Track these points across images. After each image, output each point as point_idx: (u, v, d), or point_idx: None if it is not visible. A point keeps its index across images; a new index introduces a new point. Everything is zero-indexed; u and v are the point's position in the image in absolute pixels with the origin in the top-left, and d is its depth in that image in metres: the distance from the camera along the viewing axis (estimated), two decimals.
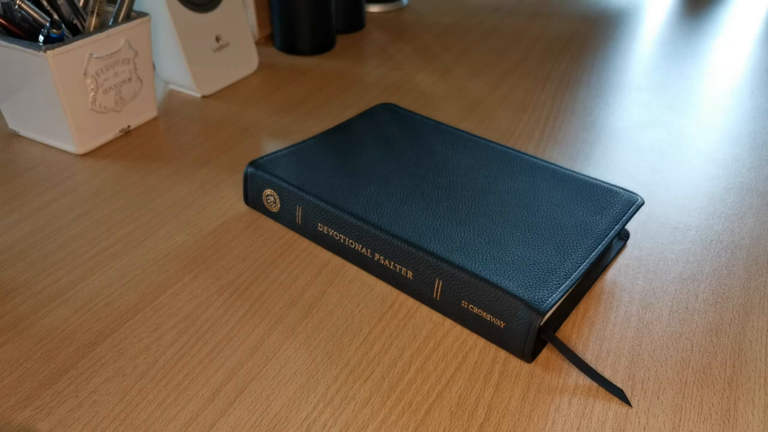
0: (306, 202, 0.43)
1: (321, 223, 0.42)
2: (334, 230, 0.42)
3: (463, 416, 0.33)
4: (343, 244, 0.42)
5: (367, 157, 0.47)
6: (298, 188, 0.43)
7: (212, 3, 0.62)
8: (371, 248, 0.40)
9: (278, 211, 0.45)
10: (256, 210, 0.47)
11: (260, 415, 0.33)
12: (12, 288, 0.40)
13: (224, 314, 0.39)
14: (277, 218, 0.46)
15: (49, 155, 0.54)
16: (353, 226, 0.41)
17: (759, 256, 0.44)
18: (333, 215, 0.42)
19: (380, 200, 0.42)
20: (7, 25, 0.50)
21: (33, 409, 0.33)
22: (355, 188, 0.43)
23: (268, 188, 0.45)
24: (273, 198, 0.45)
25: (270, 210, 0.46)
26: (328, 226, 0.42)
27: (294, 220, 0.44)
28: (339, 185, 0.44)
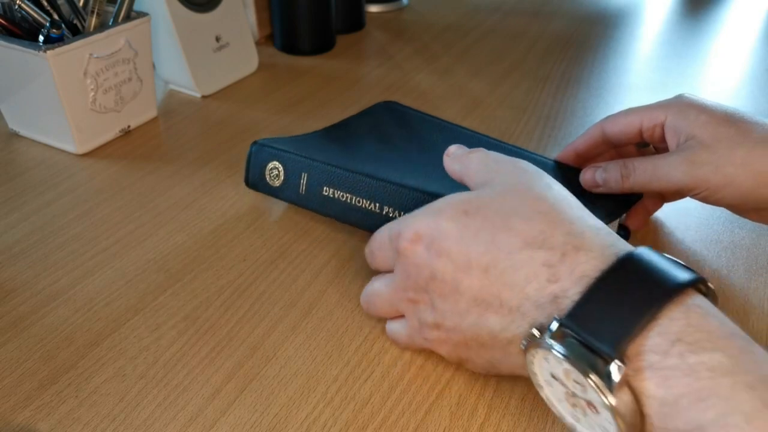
0: (312, 167, 0.43)
1: (327, 186, 0.42)
2: (341, 191, 0.42)
3: (463, 416, 0.33)
4: (349, 204, 0.42)
5: (368, 147, 0.48)
6: (305, 156, 0.43)
7: (212, 3, 0.62)
8: (380, 202, 0.41)
9: (281, 184, 0.45)
10: (255, 190, 0.46)
11: (260, 415, 0.33)
12: (12, 288, 0.40)
13: (224, 314, 0.39)
14: (278, 193, 0.45)
15: (49, 155, 0.54)
16: (362, 182, 0.41)
17: (759, 256, 0.44)
18: (341, 176, 0.42)
19: (389, 164, 0.44)
20: (7, 25, 0.50)
21: (33, 409, 0.33)
22: (364, 157, 0.45)
23: (273, 161, 0.45)
24: (277, 171, 0.44)
25: (272, 185, 0.45)
26: (335, 188, 0.42)
27: (298, 190, 0.44)
28: (345, 155, 0.45)
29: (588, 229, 0.28)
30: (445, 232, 0.30)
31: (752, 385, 0.22)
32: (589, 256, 0.27)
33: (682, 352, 0.23)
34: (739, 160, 0.36)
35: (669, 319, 0.24)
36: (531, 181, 0.31)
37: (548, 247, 0.28)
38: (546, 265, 0.27)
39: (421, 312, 0.32)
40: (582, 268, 0.27)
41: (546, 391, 0.29)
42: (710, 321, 0.24)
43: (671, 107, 0.39)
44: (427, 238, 0.31)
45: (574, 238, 0.28)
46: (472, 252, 0.29)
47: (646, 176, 0.39)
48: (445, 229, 0.30)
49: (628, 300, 0.24)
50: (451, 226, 0.30)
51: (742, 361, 0.22)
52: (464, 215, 0.30)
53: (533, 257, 0.28)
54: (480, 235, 0.29)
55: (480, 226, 0.29)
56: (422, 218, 0.31)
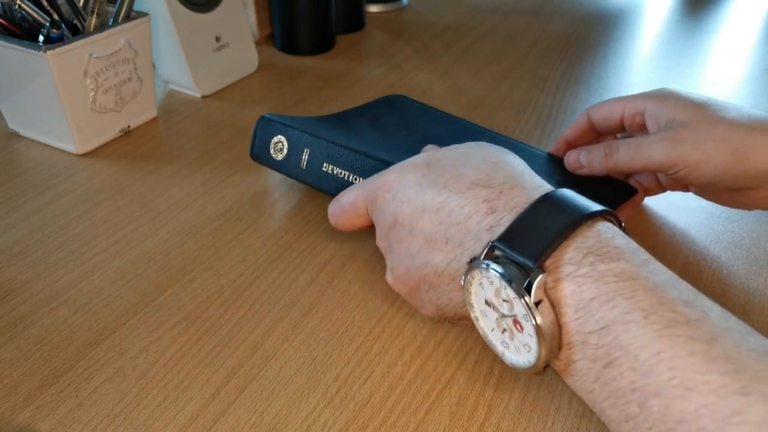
0: (314, 144, 0.44)
1: (327, 162, 0.43)
2: (340, 168, 0.43)
3: (463, 416, 0.33)
4: (347, 181, 0.43)
5: (368, 134, 0.49)
6: (309, 133, 0.44)
7: (212, 3, 0.62)
8: None
9: (284, 158, 0.46)
10: (259, 162, 0.47)
11: (260, 415, 0.33)
12: (12, 288, 0.40)
13: (224, 314, 0.39)
14: (280, 167, 0.46)
15: (49, 155, 0.54)
16: (360, 160, 0.42)
17: (759, 256, 0.44)
18: (341, 153, 0.43)
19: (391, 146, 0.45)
20: (6, 25, 0.50)
21: (33, 409, 0.33)
22: (366, 138, 0.46)
23: (278, 135, 0.46)
24: (281, 144, 0.45)
25: (275, 159, 0.46)
26: (334, 165, 0.43)
27: (299, 164, 0.45)
28: (348, 135, 0.46)
29: (525, 173, 0.32)
30: (408, 181, 0.34)
31: (650, 287, 0.25)
32: (523, 192, 0.31)
33: (593, 261, 0.26)
34: (718, 137, 0.38)
35: (583, 236, 0.28)
36: (485, 146, 0.35)
37: (489, 186, 0.31)
38: (486, 200, 0.31)
39: (387, 258, 0.36)
40: (515, 201, 0.30)
41: (481, 322, 0.32)
42: (618, 240, 0.28)
43: (651, 97, 0.42)
44: (394, 188, 0.35)
45: (512, 179, 0.31)
46: (427, 197, 0.33)
47: (629, 154, 0.40)
48: (408, 179, 0.34)
49: (549, 222, 0.28)
50: (413, 176, 0.34)
51: (643, 269, 0.26)
52: (426, 167, 0.34)
53: (477, 195, 0.31)
54: (436, 182, 0.33)
55: (437, 174, 0.33)
56: (392, 172, 0.35)
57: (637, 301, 0.25)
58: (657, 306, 0.24)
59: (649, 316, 0.24)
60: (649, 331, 0.24)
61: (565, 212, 0.28)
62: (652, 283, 0.25)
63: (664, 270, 0.27)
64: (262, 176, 0.52)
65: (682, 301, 0.24)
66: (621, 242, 0.28)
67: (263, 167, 0.53)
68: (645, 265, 0.27)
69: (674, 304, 0.24)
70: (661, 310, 0.24)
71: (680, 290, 0.25)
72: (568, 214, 0.28)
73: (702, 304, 0.25)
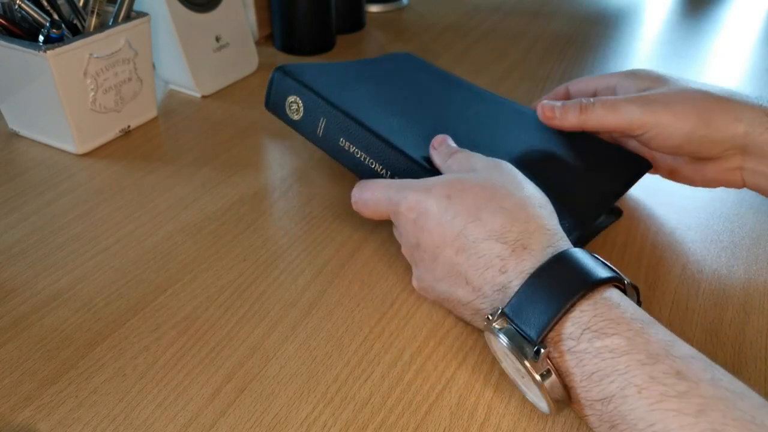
0: (331, 115, 0.42)
1: (344, 138, 0.42)
2: (357, 147, 0.41)
3: (463, 416, 0.33)
4: (362, 162, 0.42)
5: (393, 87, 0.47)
6: (326, 100, 0.42)
7: (212, 3, 0.62)
8: (392, 171, 0.41)
9: (300, 119, 0.44)
10: (275, 115, 0.46)
11: (260, 415, 0.33)
12: (12, 288, 0.40)
13: (224, 314, 0.39)
14: (297, 126, 0.45)
15: (49, 155, 0.54)
16: (378, 145, 0.40)
17: (759, 255, 0.44)
18: (358, 133, 0.41)
19: (406, 128, 0.43)
20: (6, 25, 0.50)
21: (33, 408, 0.33)
22: (383, 111, 0.43)
23: (293, 95, 0.44)
24: (297, 105, 0.43)
25: (291, 117, 0.44)
26: (351, 143, 0.41)
27: (315, 131, 0.43)
28: (366, 106, 0.43)
29: (539, 229, 0.33)
30: (429, 211, 0.35)
31: (643, 362, 0.26)
32: (531, 255, 0.32)
33: (591, 338, 0.28)
34: (687, 99, 0.40)
35: (580, 311, 0.29)
36: (504, 179, 0.35)
37: (503, 242, 0.32)
38: (499, 257, 0.32)
39: (413, 267, 0.39)
40: (524, 264, 0.32)
41: (504, 364, 0.34)
42: (613, 311, 0.28)
43: (624, 73, 0.45)
44: (415, 212, 0.36)
45: (524, 237, 0.32)
46: (447, 234, 0.34)
47: (604, 110, 0.42)
48: (429, 208, 0.35)
49: (552, 295, 0.29)
50: (434, 207, 0.35)
51: (636, 342, 0.27)
52: (446, 199, 0.35)
53: (492, 248, 0.33)
54: (455, 222, 0.34)
55: (456, 212, 0.34)
56: (414, 192, 0.36)
57: (631, 376, 0.26)
58: (649, 380, 0.26)
59: (642, 390, 0.26)
60: (643, 404, 0.25)
61: (565, 284, 0.29)
62: (646, 356, 0.26)
63: (660, 335, 0.28)
64: (262, 176, 0.52)
65: (674, 372, 0.26)
66: (617, 313, 0.29)
67: (263, 167, 0.53)
68: (640, 334, 0.27)
69: (666, 377, 0.26)
70: (653, 384, 0.26)
71: (673, 359, 0.26)
72: (567, 287, 0.29)
73: (693, 374, 0.26)
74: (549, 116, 0.44)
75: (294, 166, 0.53)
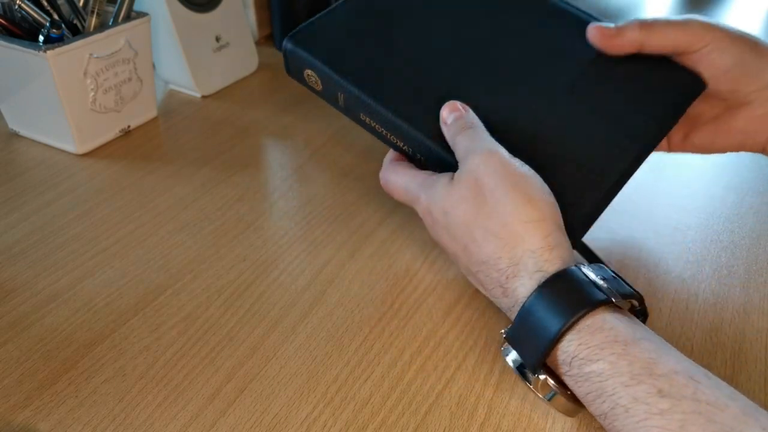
0: (347, 91, 0.40)
1: (364, 114, 0.40)
2: (378, 123, 0.40)
3: (463, 416, 0.33)
4: (385, 137, 0.40)
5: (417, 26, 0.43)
6: (340, 75, 0.40)
7: (212, 3, 0.62)
8: (413, 149, 0.39)
9: (321, 90, 0.42)
10: (299, 82, 0.43)
11: (260, 415, 0.33)
12: (12, 288, 0.40)
13: (224, 314, 0.39)
14: (320, 96, 0.43)
15: (49, 155, 0.54)
16: (397, 124, 0.39)
17: (759, 255, 0.44)
18: (376, 110, 0.39)
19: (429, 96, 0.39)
20: (6, 25, 0.50)
21: (33, 409, 0.33)
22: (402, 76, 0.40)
23: (308, 69, 0.41)
24: (314, 78, 0.41)
25: (312, 87, 0.42)
26: (371, 119, 0.40)
27: (337, 102, 0.41)
28: (385, 69, 0.40)
29: (525, 254, 0.33)
30: (438, 222, 0.37)
31: (626, 383, 0.28)
32: (522, 284, 0.33)
33: (580, 364, 0.30)
34: (739, 33, 0.41)
35: (567, 341, 0.30)
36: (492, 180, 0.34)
37: (497, 269, 0.33)
38: (498, 283, 0.34)
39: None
40: (518, 292, 0.33)
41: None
42: (597, 336, 0.30)
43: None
44: (430, 218, 0.37)
45: (513, 265, 0.33)
46: (458, 246, 0.36)
47: (667, 24, 0.41)
48: (436, 221, 0.37)
49: (539, 328, 0.31)
50: (440, 220, 0.36)
51: (619, 365, 0.28)
52: (444, 216, 0.36)
53: (490, 274, 0.34)
54: (458, 239, 0.35)
55: (456, 228, 0.35)
56: (426, 199, 0.37)
57: (618, 398, 0.28)
58: (633, 401, 0.27)
59: (628, 410, 0.27)
60: (631, 422, 0.27)
61: (552, 318, 0.31)
62: (629, 378, 0.28)
63: (644, 353, 0.29)
64: (263, 176, 0.52)
65: (656, 391, 0.27)
66: (600, 338, 0.29)
67: (263, 167, 0.53)
68: (623, 356, 0.29)
69: (648, 397, 0.27)
70: (637, 404, 0.27)
71: (655, 378, 0.27)
72: (554, 321, 0.30)
73: (675, 391, 0.27)
74: (607, 34, 0.42)
75: (294, 167, 0.53)
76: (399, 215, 0.47)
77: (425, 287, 0.41)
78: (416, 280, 0.42)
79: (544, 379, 0.31)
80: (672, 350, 0.29)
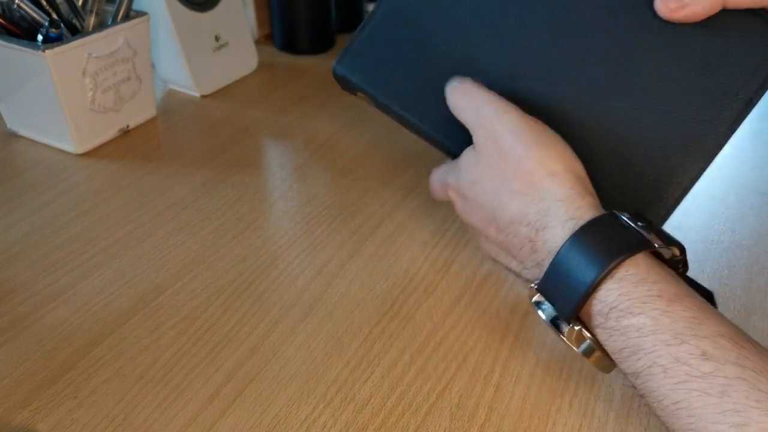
0: (394, 111, 0.41)
1: (414, 132, 0.41)
2: (427, 140, 0.41)
3: (464, 417, 0.33)
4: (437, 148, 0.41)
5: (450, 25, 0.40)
6: (384, 98, 0.41)
7: (211, 2, 0.62)
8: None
9: (374, 106, 0.43)
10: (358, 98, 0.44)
11: (260, 415, 0.33)
12: (11, 288, 0.40)
13: (224, 314, 0.39)
14: (378, 109, 0.43)
15: (48, 155, 0.54)
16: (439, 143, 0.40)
17: (760, 256, 0.44)
18: (419, 129, 0.40)
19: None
20: (5, 25, 0.50)
21: (32, 409, 0.33)
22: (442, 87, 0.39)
23: (357, 90, 0.42)
24: (365, 97, 0.43)
25: (368, 102, 0.43)
26: (420, 136, 0.41)
27: (392, 113, 0.42)
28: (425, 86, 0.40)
29: (553, 204, 0.32)
30: (468, 197, 0.37)
31: (668, 342, 0.27)
32: (553, 233, 0.32)
33: (617, 316, 0.28)
34: None
35: (606, 290, 0.29)
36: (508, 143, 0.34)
37: (526, 224, 0.33)
38: (527, 237, 0.33)
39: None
40: (549, 244, 0.32)
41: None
42: (639, 288, 0.28)
43: None
44: (460, 199, 0.38)
45: (542, 217, 0.33)
46: (485, 217, 0.36)
47: None
48: (467, 194, 0.37)
49: (574, 277, 0.30)
50: (469, 193, 0.36)
51: (662, 322, 0.27)
52: (463, 199, 0.37)
53: (519, 230, 0.34)
54: (485, 207, 0.35)
55: (482, 199, 0.35)
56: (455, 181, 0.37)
57: (657, 356, 0.27)
58: (674, 361, 0.26)
59: (667, 370, 0.26)
60: (668, 383, 0.26)
61: (589, 263, 0.29)
62: (671, 336, 0.27)
63: (688, 311, 0.27)
64: (262, 176, 0.52)
65: (699, 353, 0.26)
66: (642, 290, 0.28)
67: (263, 167, 0.53)
68: (667, 313, 0.27)
69: (690, 358, 0.26)
70: (678, 365, 0.26)
71: (699, 339, 0.26)
72: (592, 265, 0.29)
73: (719, 355, 0.26)
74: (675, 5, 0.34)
75: (294, 166, 0.53)
76: (399, 215, 0.47)
77: (425, 288, 0.41)
78: (416, 281, 0.41)
79: (579, 329, 0.30)
80: (715, 312, 0.28)
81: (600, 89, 0.37)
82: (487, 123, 0.35)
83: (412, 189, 0.50)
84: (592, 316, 0.30)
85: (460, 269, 0.42)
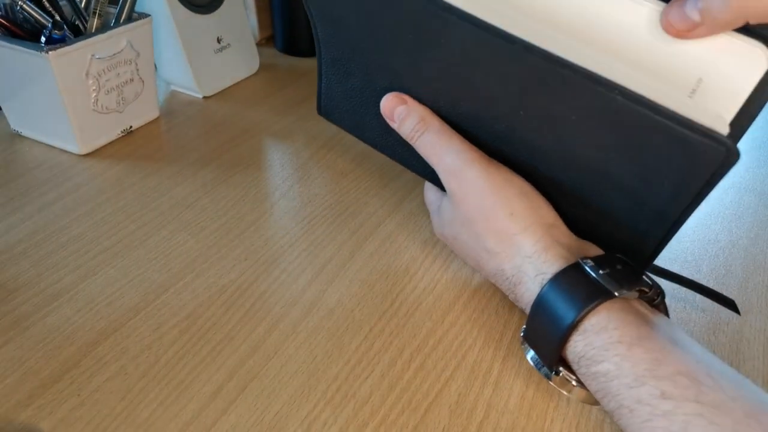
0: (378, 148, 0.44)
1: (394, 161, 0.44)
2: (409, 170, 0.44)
3: (463, 414, 0.33)
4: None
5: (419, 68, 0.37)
6: (363, 140, 0.44)
7: (213, 4, 0.63)
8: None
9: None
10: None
11: (261, 413, 0.33)
12: (14, 287, 0.40)
13: (225, 313, 0.39)
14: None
15: (51, 155, 0.54)
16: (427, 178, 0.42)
17: (756, 255, 0.44)
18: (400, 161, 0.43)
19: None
20: (8, 26, 0.50)
21: (35, 408, 0.33)
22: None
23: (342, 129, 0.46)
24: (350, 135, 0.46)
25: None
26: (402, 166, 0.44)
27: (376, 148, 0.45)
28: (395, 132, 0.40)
29: (524, 261, 0.34)
30: (454, 245, 0.40)
31: (630, 385, 0.28)
32: (527, 288, 0.34)
33: (587, 364, 0.30)
34: None
35: (574, 342, 0.31)
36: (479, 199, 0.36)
37: (505, 278, 0.36)
38: (509, 290, 0.36)
39: None
40: (525, 297, 0.34)
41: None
42: (601, 336, 0.30)
43: None
44: (448, 241, 0.41)
45: (517, 272, 0.35)
46: (475, 265, 0.39)
47: None
48: (452, 243, 0.40)
49: (548, 329, 0.32)
50: (454, 243, 0.40)
51: (623, 367, 0.29)
52: (453, 239, 0.40)
53: (502, 283, 0.36)
54: (472, 256, 0.38)
55: (468, 252, 0.39)
56: (440, 229, 0.41)
57: (622, 399, 0.29)
58: (637, 402, 0.28)
59: (633, 411, 0.28)
60: (636, 422, 0.28)
61: (560, 317, 0.31)
62: (632, 379, 0.28)
63: (648, 353, 0.29)
64: (264, 176, 0.52)
65: (659, 393, 0.27)
66: (605, 337, 0.30)
67: (264, 168, 0.53)
68: (627, 358, 0.29)
69: (651, 398, 0.28)
70: (641, 405, 0.28)
71: (658, 380, 0.28)
72: (562, 320, 0.31)
73: (678, 393, 0.27)
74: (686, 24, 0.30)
75: (295, 167, 0.53)
76: (399, 215, 0.48)
77: (425, 286, 0.41)
78: (416, 280, 0.42)
79: (562, 375, 0.33)
80: (676, 348, 0.29)
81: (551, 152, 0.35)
82: (452, 180, 0.37)
83: (412, 189, 0.51)
84: (570, 363, 0.32)
85: (459, 268, 0.43)
